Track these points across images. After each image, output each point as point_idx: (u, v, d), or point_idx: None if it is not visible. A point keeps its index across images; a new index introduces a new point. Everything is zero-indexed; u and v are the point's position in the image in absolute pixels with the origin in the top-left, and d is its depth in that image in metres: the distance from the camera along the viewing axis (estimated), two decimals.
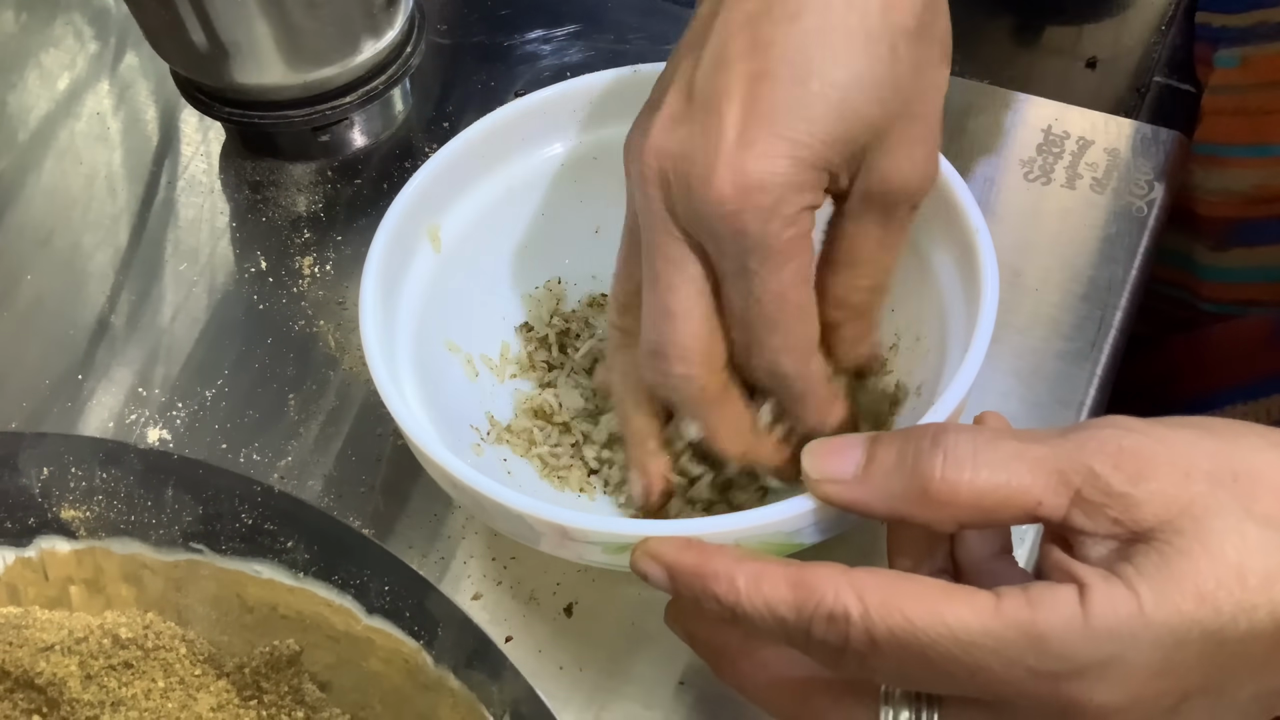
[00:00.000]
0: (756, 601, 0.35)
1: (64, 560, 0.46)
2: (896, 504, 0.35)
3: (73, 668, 0.45)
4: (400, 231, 0.48)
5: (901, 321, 0.50)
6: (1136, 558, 0.31)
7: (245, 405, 0.55)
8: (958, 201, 0.45)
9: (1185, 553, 0.31)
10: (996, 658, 0.32)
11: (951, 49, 0.42)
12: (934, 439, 0.34)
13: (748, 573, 0.35)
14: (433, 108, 0.64)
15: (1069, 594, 0.32)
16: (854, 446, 0.36)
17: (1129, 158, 0.59)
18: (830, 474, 0.37)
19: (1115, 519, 0.32)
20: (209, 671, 0.45)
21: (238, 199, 0.62)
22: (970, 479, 0.33)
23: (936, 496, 0.34)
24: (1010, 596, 0.32)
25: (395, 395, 0.44)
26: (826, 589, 0.33)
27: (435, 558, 0.50)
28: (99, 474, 0.45)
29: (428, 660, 0.42)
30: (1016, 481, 0.33)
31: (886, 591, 0.33)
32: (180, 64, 0.59)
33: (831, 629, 0.33)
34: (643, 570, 0.38)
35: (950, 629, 0.32)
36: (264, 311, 0.58)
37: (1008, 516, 0.34)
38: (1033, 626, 0.31)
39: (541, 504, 0.40)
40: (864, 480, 0.36)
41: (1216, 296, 0.64)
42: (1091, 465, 0.32)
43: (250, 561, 0.45)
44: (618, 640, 0.48)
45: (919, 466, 0.34)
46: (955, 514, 0.34)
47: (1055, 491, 0.33)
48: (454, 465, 0.42)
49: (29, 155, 0.65)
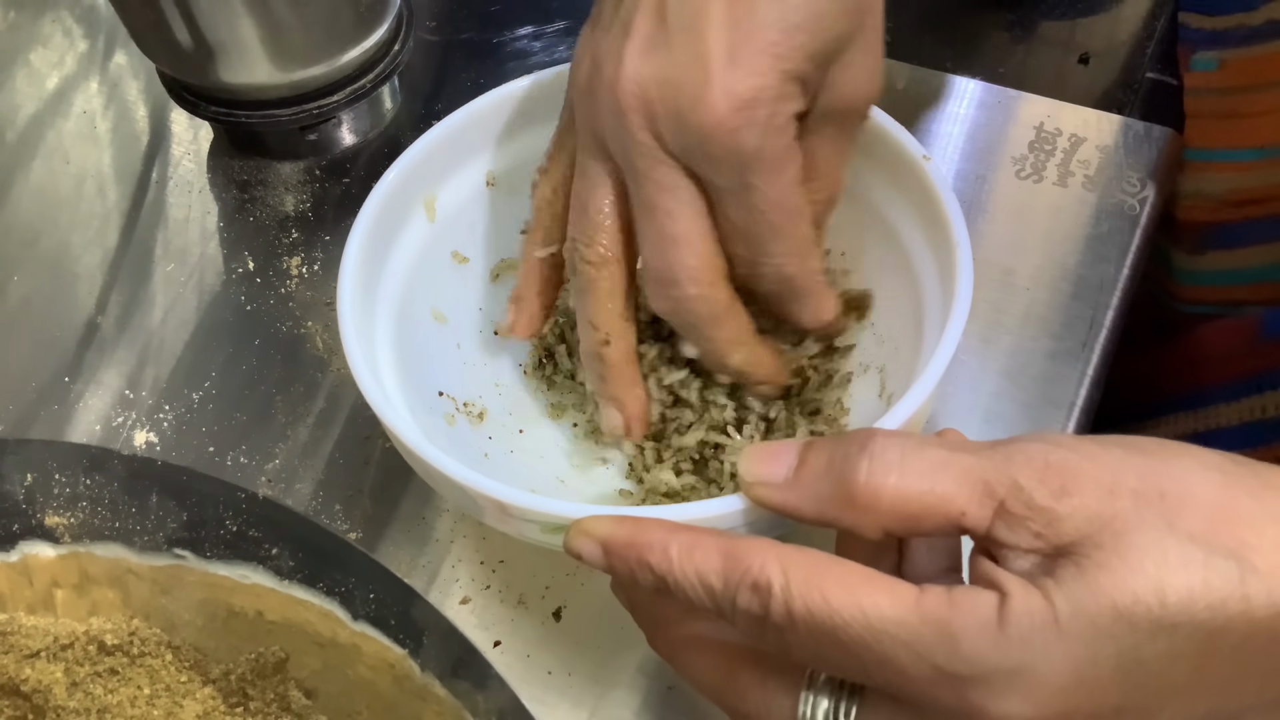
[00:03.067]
0: (688, 569, 0.35)
1: (48, 565, 0.46)
2: (823, 507, 0.35)
3: (58, 674, 0.45)
4: (395, 197, 0.48)
5: (883, 329, 0.50)
6: (1058, 571, 0.31)
7: (233, 408, 0.54)
8: (945, 216, 0.45)
9: (1104, 566, 0.30)
10: (906, 650, 0.31)
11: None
12: (862, 444, 0.34)
13: (681, 541, 0.36)
14: (422, 105, 0.64)
15: (989, 599, 0.31)
16: (788, 451, 0.37)
17: (1121, 155, 0.58)
18: (762, 477, 0.37)
19: (1038, 533, 0.32)
20: (195, 678, 0.45)
21: (226, 199, 0.62)
22: (895, 484, 0.33)
23: (860, 501, 0.34)
24: (932, 593, 0.32)
25: (360, 355, 0.44)
26: (754, 559, 0.34)
27: (424, 562, 0.50)
28: (83, 480, 0.45)
29: (414, 667, 0.42)
30: (940, 490, 0.33)
31: (811, 570, 0.33)
32: (167, 64, 0.59)
33: (754, 598, 0.34)
34: (576, 549, 0.38)
35: (865, 614, 0.32)
36: (252, 312, 0.57)
37: (932, 525, 0.33)
38: (947, 625, 0.31)
39: (482, 478, 0.40)
40: (793, 484, 0.36)
41: (1194, 298, 0.64)
42: (1016, 478, 0.32)
43: (235, 567, 0.45)
44: (607, 645, 0.48)
45: (844, 472, 0.34)
46: (878, 520, 0.34)
47: (979, 503, 0.32)
48: (404, 429, 0.42)
49: (17, 155, 0.65)
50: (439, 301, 0.51)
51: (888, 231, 0.49)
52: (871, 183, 0.49)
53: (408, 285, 0.50)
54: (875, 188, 0.49)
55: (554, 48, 0.66)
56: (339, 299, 0.45)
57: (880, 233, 0.49)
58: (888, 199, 0.49)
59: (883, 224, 0.49)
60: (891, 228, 0.49)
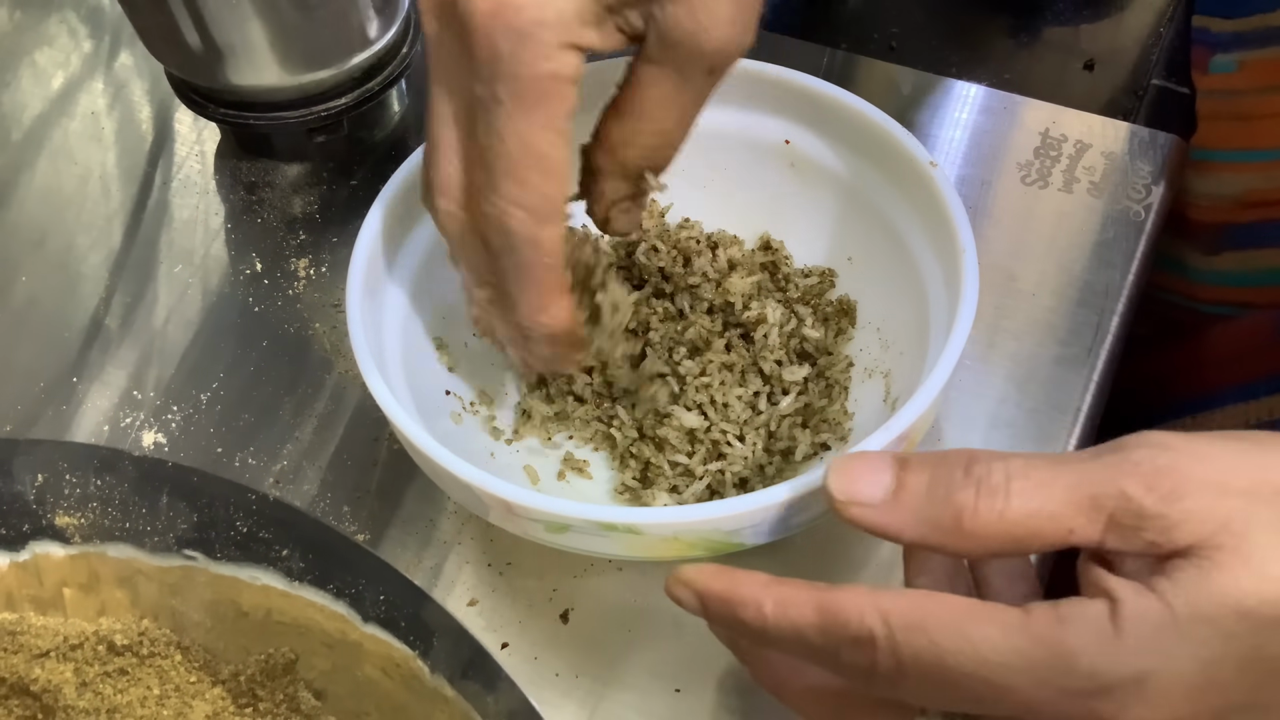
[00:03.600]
0: (784, 626, 0.34)
1: (58, 564, 0.46)
2: (927, 533, 0.34)
3: (68, 674, 0.45)
4: (404, 197, 0.49)
5: (889, 334, 0.50)
6: (1174, 572, 0.31)
7: (240, 409, 0.55)
8: (951, 222, 0.45)
9: (1224, 567, 0.30)
10: (1025, 677, 0.31)
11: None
12: (966, 468, 0.33)
13: (774, 598, 0.35)
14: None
15: (1099, 608, 0.31)
16: (882, 469, 0.35)
17: (1126, 161, 0.59)
18: (858, 497, 0.35)
19: (1151, 541, 0.31)
20: (204, 679, 0.45)
21: (232, 200, 0.62)
22: (1003, 510, 0.32)
23: (967, 529, 0.33)
24: (1039, 612, 0.31)
25: (368, 354, 0.44)
26: (851, 613, 0.33)
27: (430, 563, 0.50)
28: (94, 481, 0.45)
29: (423, 669, 0.42)
30: (1049, 510, 0.32)
31: (912, 614, 0.32)
32: (175, 65, 0.59)
33: (858, 653, 0.33)
34: (676, 596, 0.38)
35: (977, 650, 0.31)
36: (259, 314, 0.57)
37: (1039, 545, 0.33)
38: (1061, 644, 0.31)
39: (489, 477, 0.41)
40: (894, 507, 0.35)
41: (1214, 298, 0.64)
42: (1124, 488, 0.31)
43: (245, 568, 0.45)
44: (614, 647, 0.48)
45: (952, 497, 0.33)
46: (987, 545, 0.33)
47: (1088, 518, 0.32)
48: (411, 428, 0.42)
49: (22, 155, 0.65)
50: (447, 300, 0.51)
51: (893, 236, 0.49)
52: (878, 188, 0.50)
53: (416, 284, 0.50)
54: (881, 193, 0.50)
55: None
56: (348, 298, 0.45)
57: (886, 238, 0.49)
58: (894, 204, 0.49)
59: (889, 229, 0.49)
60: (897, 233, 0.49)
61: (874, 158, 0.49)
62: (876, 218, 0.50)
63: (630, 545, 0.40)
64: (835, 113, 0.50)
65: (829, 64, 0.64)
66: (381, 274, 0.48)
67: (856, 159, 0.50)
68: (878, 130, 0.48)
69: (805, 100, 0.50)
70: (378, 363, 0.44)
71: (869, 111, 0.49)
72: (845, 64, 0.64)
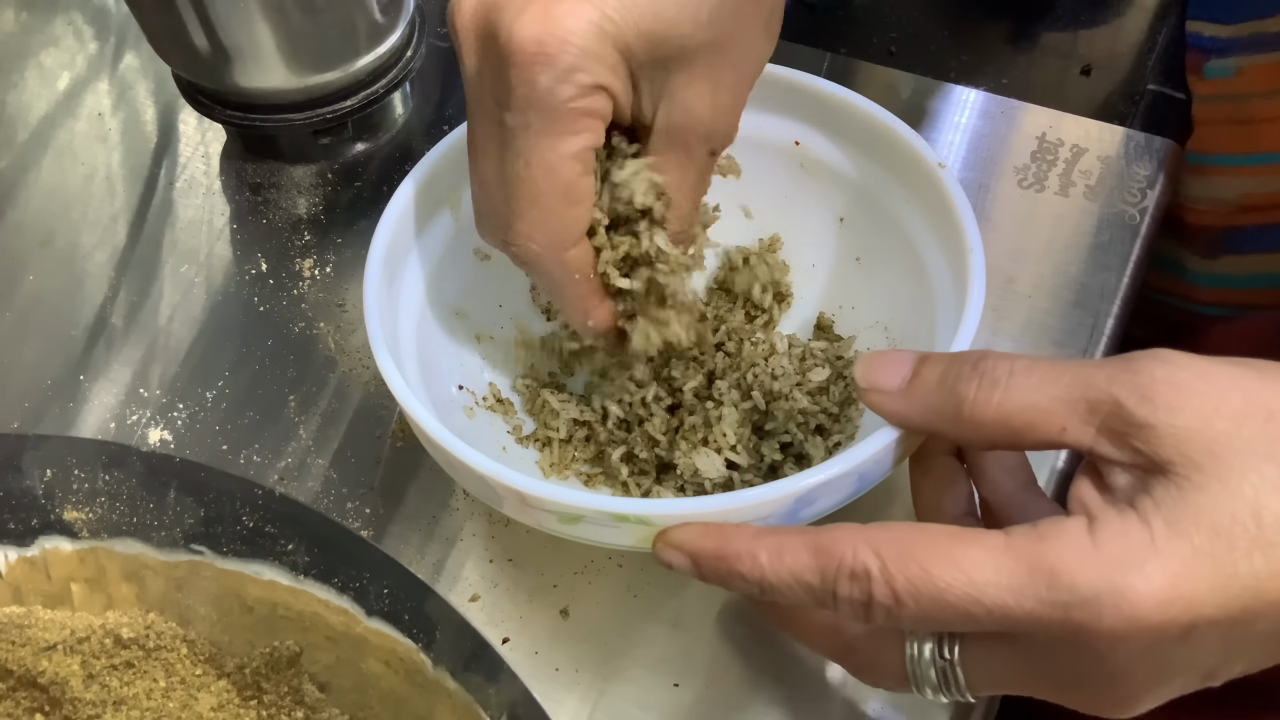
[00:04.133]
0: (781, 573, 0.36)
1: (66, 559, 0.47)
2: (930, 419, 0.37)
3: (75, 667, 0.45)
4: (421, 194, 0.49)
5: (896, 333, 0.51)
6: (1155, 490, 0.32)
7: (245, 406, 0.55)
8: (959, 222, 0.46)
9: (1202, 488, 0.32)
10: (1010, 593, 0.33)
11: (778, 32, 0.43)
12: (975, 363, 0.36)
13: (769, 547, 0.37)
14: (433, 111, 0.65)
15: (1078, 525, 0.33)
16: (904, 362, 0.38)
17: (1122, 166, 0.59)
18: (877, 384, 0.39)
19: (1136, 449, 0.33)
20: (210, 671, 0.45)
21: (238, 200, 0.62)
22: (1000, 401, 0.35)
23: (965, 416, 0.36)
24: (1019, 533, 0.33)
25: (382, 343, 0.45)
26: (845, 549, 0.35)
27: (432, 559, 0.51)
28: (102, 476, 0.46)
29: (426, 662, 0.43)
30: (1044, 405, 0.34)
31: (902, 544, 0.34)
32: (181, 67, 0.60)
33: (855, 587, 0.35)
34: (666, 560, 0.39)
35: (965, 571, 0.33)
36: (264, 313, 0.58)
37: (1034, 439, 0.35)
38: (1042, 559, 0.32)
39: (503, 468, 0.41)
40: (906, 394, 0.38)
41: (1214, 300, 0.64)
42: (1118, 395, 0.33)
43: (251, 563, 0.45)
44: (614, 642, 0.48)
45: (955, 387, 0.36)
46: (983, 433, 0.36)
47: (1082, 419, 0.34)
48: (428, 421, 0.43)
49: (29, 154, 0.65)
50: (460, 297, 0.52)
51: (902, 237, 0.50)
52: (887, 188, 0.50)
53: (431, 280, 0.50)
54: (890, 193, 0.50)
55: None
56: (365, 291, 0.46)
57: (895, 238, 0.50)
58: (902, 204, 0.50)
59: (897, 229, 0.50)
60: (906, 233, 0.49)
61: (883, 159, 0.50)
62: (885, 218, 0.51)
63: (642, 536, 0.41)
64: (844, 114, 0.50)
65: (829, 69, 0.64)
66: (398, 267, 0.49)
67: (865, 160, 0.51)
68: (887, 132, 0.49)
69: (815, 102, 0.51)
70: (393, 353, 0.45)
71: (878, 113, 0.49)
72: (845, 69, 0.65)
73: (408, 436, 0.53)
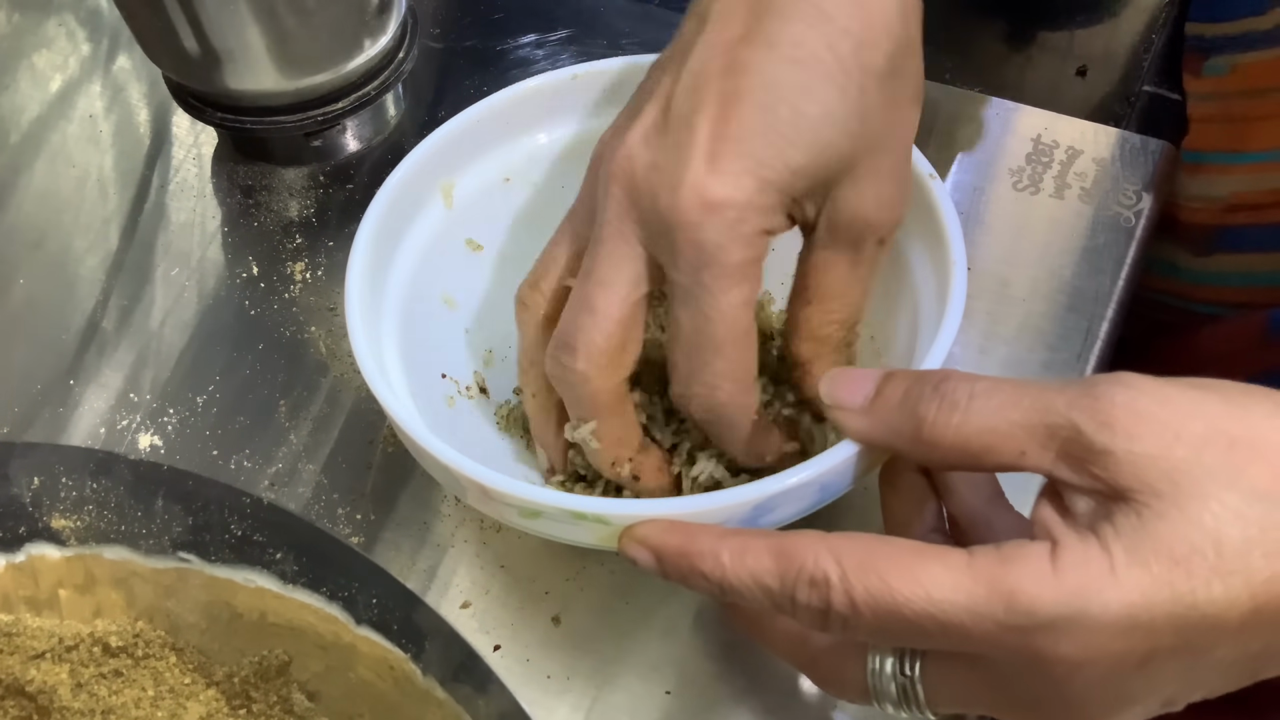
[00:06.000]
0: (742, 574, 0.36)
1: (54, 566, 0.47)
2: (892, 438, 0.37)
3: (63, 676, 0.45)
4: (413, 181, 0.49)
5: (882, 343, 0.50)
6: (1116, 517, 0.32)
7: (236, 411, 0.55)
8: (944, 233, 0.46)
9: (1162, 516, 0.31)
10: (968, 614, 0.33)
11: (923, 93, 0.43)
12: (937, 385, 0.36)
13: (731, 547, 0.37)
14: (425, 113, 0.64)
15: (1040, 549, 0.33)
16: (868, 379, 0.38)
17: (1117, 168, 0.59)
18: (840, 401, 0.39)
19: (1096, 475, 0.33)
20: (198, 680, 0.45)
21: (229, 203, 0.62)
22: (959, 424, 0.35)
23: (925, 437, 0.36)
24: (982, 554, 0.33)
25: (360, 325, 0.44)
26: (806, 555, 0.35)
27: (423, 565, 0.50)
28: (89, 484, 0.46)
29: (415, 671, 0.42)
30: (1003, 430, 0.34)
31: (863, 554, 0.34)
32: (172, 69, 0.59)
33: (814, 593, 0.35)
34: (631, 555, 0.39)
35: (924, 588, 0.33)
36: (255, 317, 0.58)
37: (993, 462, 0.35)
38: (1002, 582, 0.32)
39: (465, 459, 0.41)
40: (868, 412, 0.38)
41: (1208, 299, 0.64)
42: (1076, 420, 0.33)
43: (240, 571, 0.45)
44: (605, 649, 0.48)
45: (917, 408, 0.36)
46: (943, 455, 0.36)
47: (1041, 444, 0.34)
48: (395, 406, 0.42)
49: (20, 157, 0.65)
50: (449, 287, 0.51)
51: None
52: None
53: (419, 269, 0.50)
54: None
55: (557, 55, 0.66)
56: (348, 275, 0.46)
57: None
58: None
59: None
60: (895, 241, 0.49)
61: None
62: None
63: (601, 535, 0.41)
64: None
65: None
66: (386, 254, 0.49)
67: None
68: None
69: None
70: (371, 341, 0.45)
71: None
72: None
73: (399, 442, 0.53)
